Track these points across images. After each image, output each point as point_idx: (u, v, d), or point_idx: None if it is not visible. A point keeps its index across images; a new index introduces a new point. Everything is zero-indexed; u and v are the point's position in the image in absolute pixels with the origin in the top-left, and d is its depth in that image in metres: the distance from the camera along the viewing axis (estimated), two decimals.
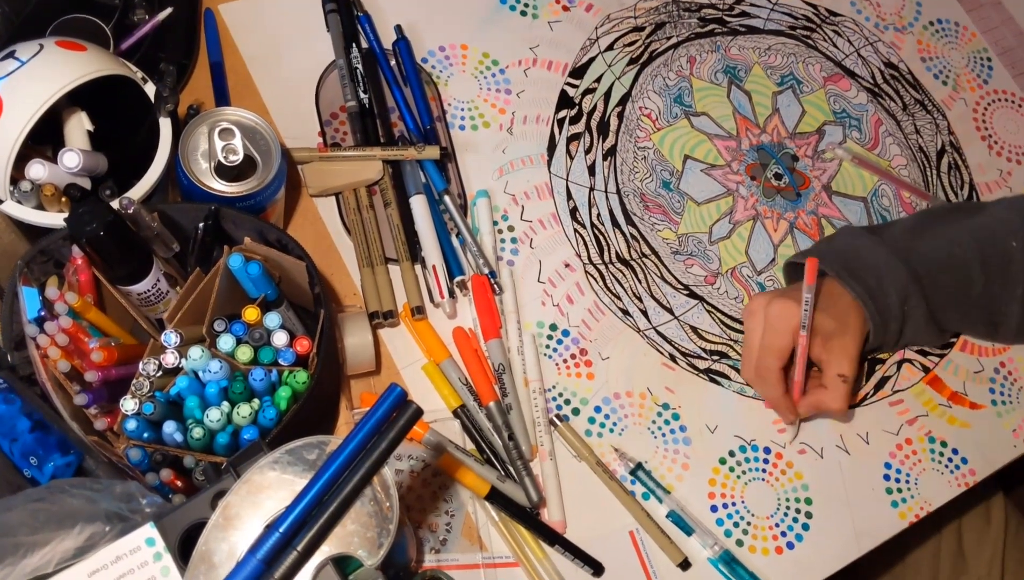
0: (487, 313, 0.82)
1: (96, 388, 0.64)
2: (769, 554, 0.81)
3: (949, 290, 0.85)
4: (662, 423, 0.83)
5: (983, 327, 0.89)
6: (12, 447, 0.63)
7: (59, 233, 0.66)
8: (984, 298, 0.85)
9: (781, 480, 0.83)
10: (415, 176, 0.86)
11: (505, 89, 0.94)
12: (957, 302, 0.85)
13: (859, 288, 0.81)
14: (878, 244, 0.84)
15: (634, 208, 0.91)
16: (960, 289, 0.85)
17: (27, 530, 0.52)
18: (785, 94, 1.00)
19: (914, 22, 1.08)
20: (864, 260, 0.83)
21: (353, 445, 0.53)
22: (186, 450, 0.64)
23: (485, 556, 0.76)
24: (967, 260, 0.84)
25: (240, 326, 0.66)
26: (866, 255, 0.83)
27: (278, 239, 0.70)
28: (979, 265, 0.84)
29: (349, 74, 0.88)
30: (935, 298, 0.84)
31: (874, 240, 0.84)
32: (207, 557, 0.52)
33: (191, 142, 0.73)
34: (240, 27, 0.90)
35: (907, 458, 0.87)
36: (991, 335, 0.91)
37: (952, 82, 1.06)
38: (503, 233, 0.88)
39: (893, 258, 0.83)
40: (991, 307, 0.86)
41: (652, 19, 1.01)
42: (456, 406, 0.79)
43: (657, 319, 0.88)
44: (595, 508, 0.79)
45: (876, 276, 0.82)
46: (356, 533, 0.53)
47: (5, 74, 0.65)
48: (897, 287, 0.82)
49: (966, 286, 0.85)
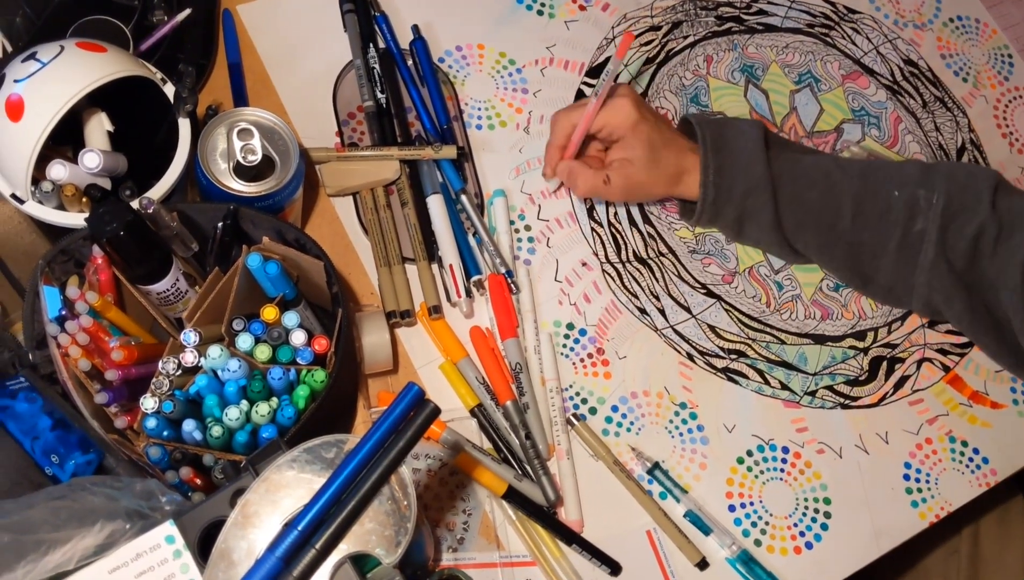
0: (504, 312, 0.82)
1: (116, 387, 0.64)
2: (787, 554, 0.80)
3: (811, 210, 0.84)
4: (679, 422, 0.83)
5: (851, 274, 0.87)
6: (34, 445, 0.64)
7: (80, 233, 0.67)
8: (850, 236, 0.84)
9: (799, 480, 0.83)
10: (432, 176, 0.86)
11: (522, 88, 0.94)
12: (817, 227, 0.84)
13: (711, 160, 0.83)
14: (759, 141, 0.84)
15: (651, 207, 0.91)
16: (824, 215, 0.84)
17: (49, 527, 0.53)
18: (803, 92, 1.00)
19: (934, 19, 1.07)
20: (735, 143, 0.84)
21: (371, 444, 0.53)
22: (205, 448, 0.64)
23: (502, 555, 0.76)
24: (840, 190, 0.83)
25: (259, 325, 0.66)
26: (742, 142, 0.84)
27: (296, 238, 0.70)
28: (851, 199, 0.83)
29: (366, 74, 0.88)
30: (790, 210, 0.84)
31: (759, 135, 0.85)
32: (226, 555, 0.52)
33: (210, 142, 0.73)
34: (258, 27, 0.90)
35: (927, 458, 0.86)
36: (863, 287, 0.88)
37: (972, 79, 1.05)
38: (520, 232, 0.88)
39: (763, 156, 0.83)
40: (858, 252, 0.85)
41: (669, 18, 1.00)
42: (473, 405, 0.79)
43: (675, 318, 0.87)
44: (612, 507, 0.79)
45: (733, 162, 0.83)
46: (374, 532, 0.53)
47: (27, 75, 0.66)
48: (747, 178, 0.83)
49: (832, 216, 0.84)
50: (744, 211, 0.84)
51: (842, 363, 0.89)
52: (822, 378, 0.88)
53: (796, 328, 0.89)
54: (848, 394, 0.87)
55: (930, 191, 0.82)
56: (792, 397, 0.86)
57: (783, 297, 0.90)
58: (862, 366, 0.89)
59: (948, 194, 0.82)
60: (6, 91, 0.66)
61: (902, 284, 0.85)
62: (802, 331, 0.89)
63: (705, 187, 0.84)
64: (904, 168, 0.85)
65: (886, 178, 0.84)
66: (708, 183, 0.83)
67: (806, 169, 0.84)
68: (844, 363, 0.89)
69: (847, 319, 0.90)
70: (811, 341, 0.89)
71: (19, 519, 0.53)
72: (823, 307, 0.90)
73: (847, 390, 0.88)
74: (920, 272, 0.83)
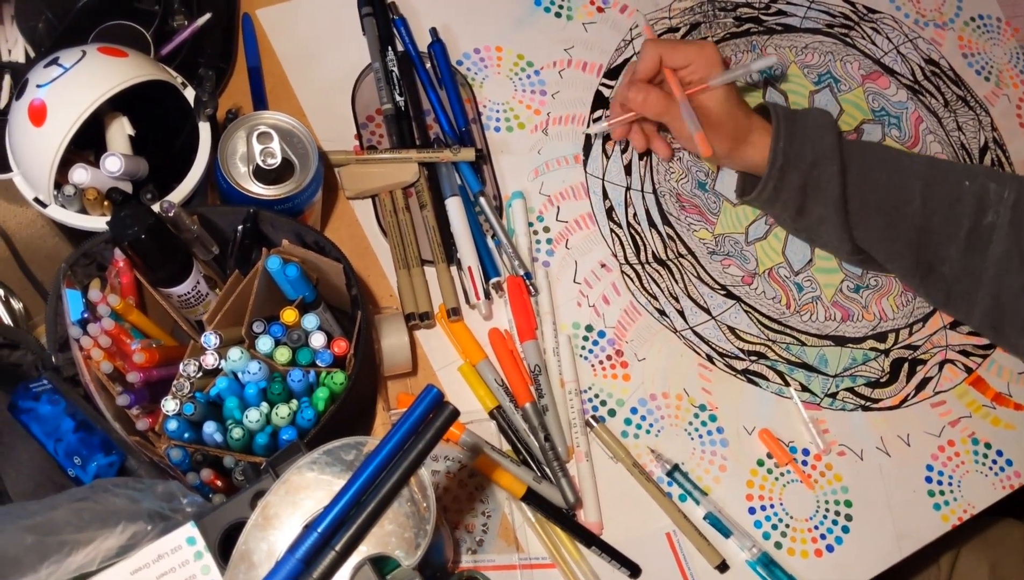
0: (523, 314, 0.82)
1: (138, 389, 0.64)
2: (808, 557, 0.80)
3: (879, 189, 0.83)
4: (699, 424, 0.83)
5: (914, 262, 0.84)
6: (57, 447, 0.64)
7: (101, 236, 0.67)
8: (919, 220, 0.82)
9: (820, 482, 0.83)
10: (451, 178, 0.86)
11: (540, 90, 0.94)
12: (884, 209, 0.83)
13: (783, 130, 0.83)
14: (831, 119, 0.84)
15: (670, 208, 0.91)
16: (892, 195, 0.83)
17: (72, 528, 0.53)
18: (822, 93, 0.99)
19: (955, 18, 1.06)
20: (807, 118, 0.84)
21: (390, 446, 0.53)
22: (226, 450, 0.64)
23: (522, 557, 0.76)
24: (911, 172, 0.83)
25: (278, 327, 0.66)
26: (813, 117, 0.84)
27: (315, 241, 0.71)
28: (921, 182, 0.82)
29: (385, 77, 0.88)
30: (857, 189, 0.83)
31: (831, 117, 0.85)
32: (247, 556, 0.52)
33: (230, 146, 0.74)
34: (277, 31, 0.91)
35: (949, 460, 0.85)
36: (925, 278, 0.85)
37: (995, 78, 1.04)
38: (538, 234, 0.88)
39: (834, 130, 0.83)
40: (925, 240, 0.83)
41: (687, 19, 1.00)
42: (492, 407, 0.79)
43: (694, 319, 0.87)
44: (632, 509, 0.79)
45: (805, 131, 0.83)
46: (394, 533, 0.53)
47: (49, 80, 0.67)
48: (817, 148, 0.82)
49: (901, 198, 0.82)
50: (810, 180, 0.83)
51: (863, 365, 0.88)
52: (843, 380, 0.87)
53: (816, 330, 0.89)
54: (869, 396, 0.87)
55: (1000, 185, 0.81)
56: (812, 399, 0.86)
57: (803, 298, 0.90)
58: (883, 368, 0.88)
59: (1019, 191, 0.81)
60: (29, 96, 0.67)
61: (969, 277, 0.83)
62: (822, 333, 0.89)
63: (775, 153, 0.83)
64: (972, 165, 0.86)
65: (954, 169, 0.84)
66: (778, 150, 0.83)
67: (875, 151, 0.84)
68: (865, 365, 0.88)
69: (868, 321, 0.90)
70: (831, 343, 0.88)
71: (42, 520, 0.53)
72: (843, 308, 0.90)
73: (868, 392, 0.87)
74: (990, 264, 0.81)
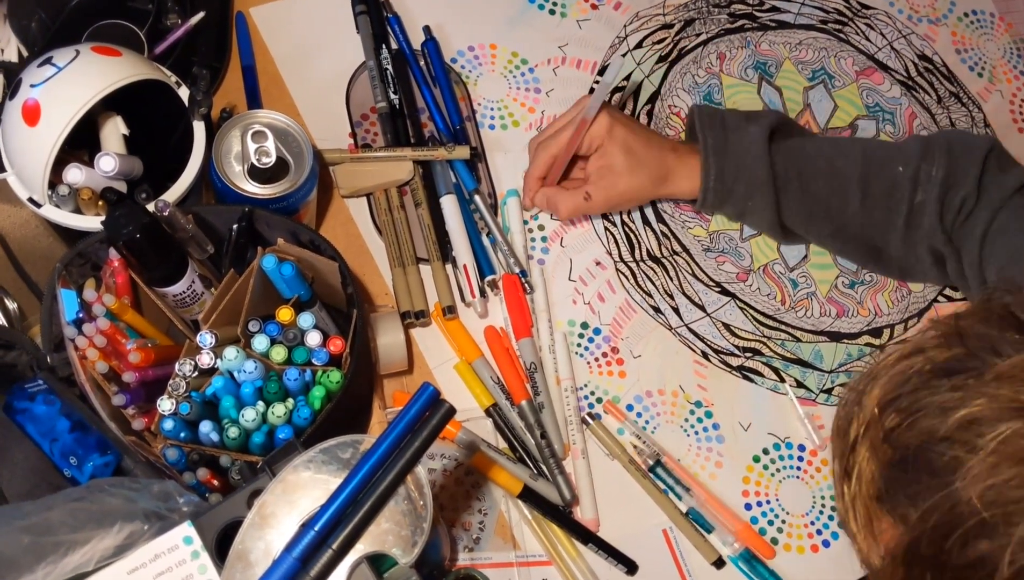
0: (518, 312, 0.82)
1: (133, 389, 0.64)
2: (804, 552, 0.80)
3: (819, 199, 0.84)
4: (695, 421, 0.83)
5: (864, 252, 0.87)
6: (52, 447, 0.64)
7: (96, 236, 0.67)
8: (861, 218, 0.84)
9: (816, 478, 0.83)
10: (445, 176, 0.86)
11: (534, 88, 0.94)
12: (828, 215, 0.85)
13: (712, 165, 0.83)
14: (760, 135, 0.84)
15: (664, 206, 0.91)
16: (832, 202, 0.84)
17: (68, 529, 0.53)
18: (817, 89, 0.99)
19: (948, 14, 1.07)
20: (738, 145, 0.84)
21: (387, 444, 0.54)
22: (222, 449, 0.64)
23: (518, 555, 0.76)
24: (848, 175, 0.84)
25: (274, 326, 0.66)
26: (745, 143, 0.84)
27: (311, 240, 0.71)
28: (858, 183, 0.83)
29: (379, 75, 0.88)
30: (799, 203, 0.84)
31: (760, 129, 0.84)
32: (243, 555, 0.52)
33: (224, 145, 0.74)
34: (271, 30, 0.90)
35: None
36: (875, 263, 0.88)
37: (988, 74, 1.05)
38: (533, 232, 0.88)
39: (765, 158, 0.83)
40: (869, 232, 0.85)
41: (681, 16, 1.00)
42: (488, 405, 0.79)
43: (689, 316, 0.87)
44: (628, 506, 0.79)
45: (736, 165, 0.83)
46: (390, 532, 0.53)
47: (42, 80, 0.66)
48: (750, 182, 0.83)
49: (841, 200, 0.84)
50: (746, 209, 0.85)
51: (858, 360, 0.88)
52: (838, 376, 0.87)
53: (811, 326, 0.89)
54: None
55: (929, 164, 0.82)
56: (808, 395, 0.86)
57: (798, 295, 0.90)
58: None
59: (947, 166, 0.82)
60: (23, 96, 0.67)
61: (911, 254, 0.85)
62: (818, 328, 0.89)
63: (705, 192, 0.84)
64: (906, 145, 0.85)
65: (888, 157, 0.84)
66: (708, 189, 0.84)
67: (811, 161, 0.84)
68: (860, 360, 0.88)
69: (863, 316, 0.90)
70: (827, 339, 0.89)
71: (38, 521, 0.53)
72: (838, 304, 0.90)
73: None
74: (922, 239, 0.83)
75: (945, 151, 0.82)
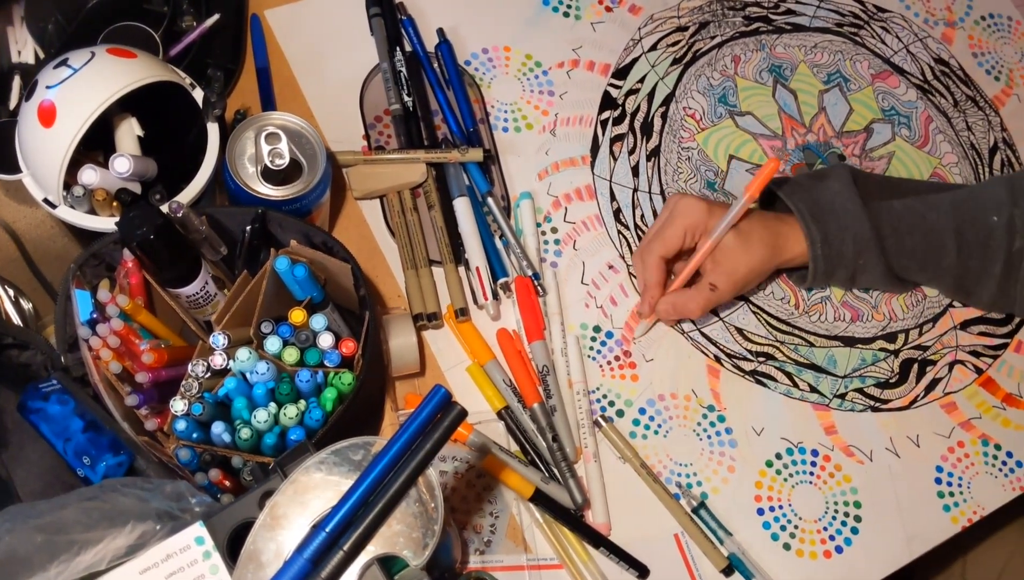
0: (531, 315, 0.82)
1: (147, 389, 0.65)
2: (817, 558, 0.80)
3: (915, 253, 0.84)
4: (707, 425, 0.83)
5: (956, 293, 0.90)
6: (66, 447, 0.64)
7: (110, 237, 0.67)
8: (957, 269, 0.85)
9: (829, 483, 0.82)
10: (459, 178, 0.86)
11: (548, 91, 0.93)
12: (924, 265, 0.85)
13: (815, 231, 0.82)
14: (854, 196, 0.83)
15: None
16: (930, 254, 0.84)
17: (81, 528, 0.53)
18: (832, 92, 0.99)
19: (965, 17, 1.06)
20: (832, 204, 0.83)
21: (398, 446, 0.53)
22: (234, 450, 0.64)
23: (529, 558, 0.76)
24: (941, 228, 0.83)
25: (287, 328, 0.67)
26: (840, 202, 0.83)
27: (324, 242, 0.71)
28: (953, 235, 0.83)
29: (393, 77, 0.88)
30: (898, 257, 0.84)
31: (851, 189, 0.83)
32: (255, 556, 0.52)
33: (238, 146, 0.74)
34: (285, 32, 0.91)
35: (959, 461, 0.85)
36: (965, 300, 0.91)
37: (1005, 77, 1.04)
38: (546, 235, 0.88)
39: (863, 213, 0.82)
40: (963, 281, 0.86)
41: (696, 18, 1.00)
42: (500, 407, 0.79)
43: (702, 320, 0.87)
44: (640, 510, 0.79)
45: (839, 228, 0.82)
46: (401, 533, 0.53)
47: (58, 81, 0.67)
48: (857, 239, 0.82)
49: (937, 253, 0.84)
50: (856, 269, 0.84)
51: (872, 365, 0.88)
52: (852, 381, 0.87)
53: (825, 330, 0.88)
54: (878, 397, 0.87)
55: (1022, 209, 0.83)
56: (821, 400, 0.86)
57: (812, 299, 0.89)
58: (893, 368, 0.88)
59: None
60: (38, 97, 0.67)
61: (1004, 298, 0.86)
62: (831, 333, 0.88)
63: (815, 260, 0.83)
64: (992, 191, 0.85)
65: (980, 205, 0.84)
66: (817, 256, 0.82)
67: (901, 215, 0.84)
68: (874, 365, 0.88)
69: (877, 321, 0.90)
70: (840, 343, 0.88)
71: (52, 519, 0.53)
72: (853, 309, 0.90)
73: (877, 393, 0.87)
74: (1021, 286, 0.84)
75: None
